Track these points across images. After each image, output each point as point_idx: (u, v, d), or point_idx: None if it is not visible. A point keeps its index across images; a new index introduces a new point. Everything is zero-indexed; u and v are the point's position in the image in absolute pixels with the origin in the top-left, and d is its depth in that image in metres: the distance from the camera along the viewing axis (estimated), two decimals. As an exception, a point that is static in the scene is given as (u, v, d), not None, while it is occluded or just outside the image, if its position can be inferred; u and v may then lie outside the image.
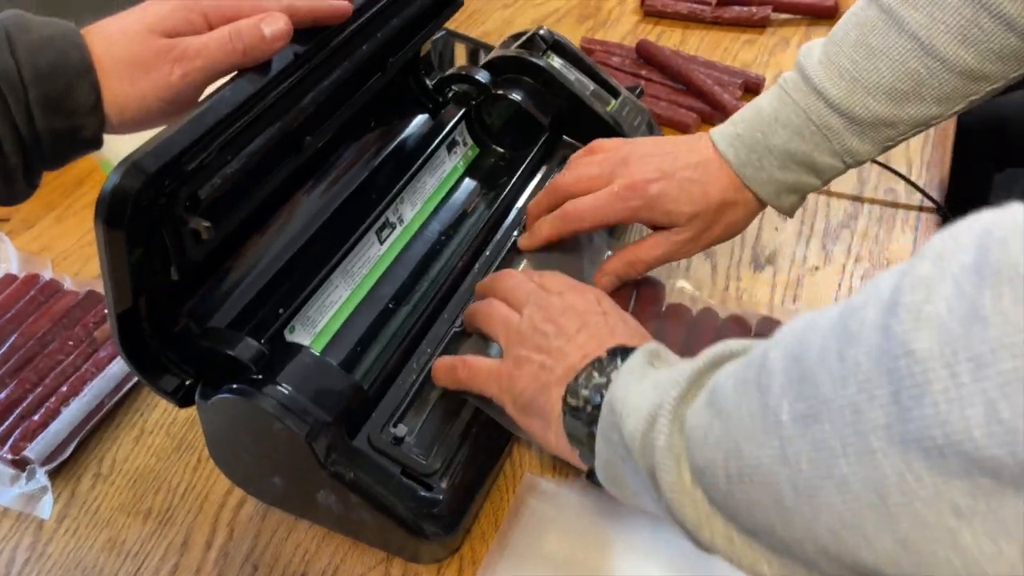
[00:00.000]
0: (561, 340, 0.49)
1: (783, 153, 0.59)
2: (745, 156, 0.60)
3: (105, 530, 0.55)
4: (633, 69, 0.91)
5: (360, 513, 0.51)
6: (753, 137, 0.59)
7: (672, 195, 0.60)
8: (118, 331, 0.45)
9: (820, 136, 0.58)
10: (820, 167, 0.59)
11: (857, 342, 0.29)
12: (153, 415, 0.62)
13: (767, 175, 0.59)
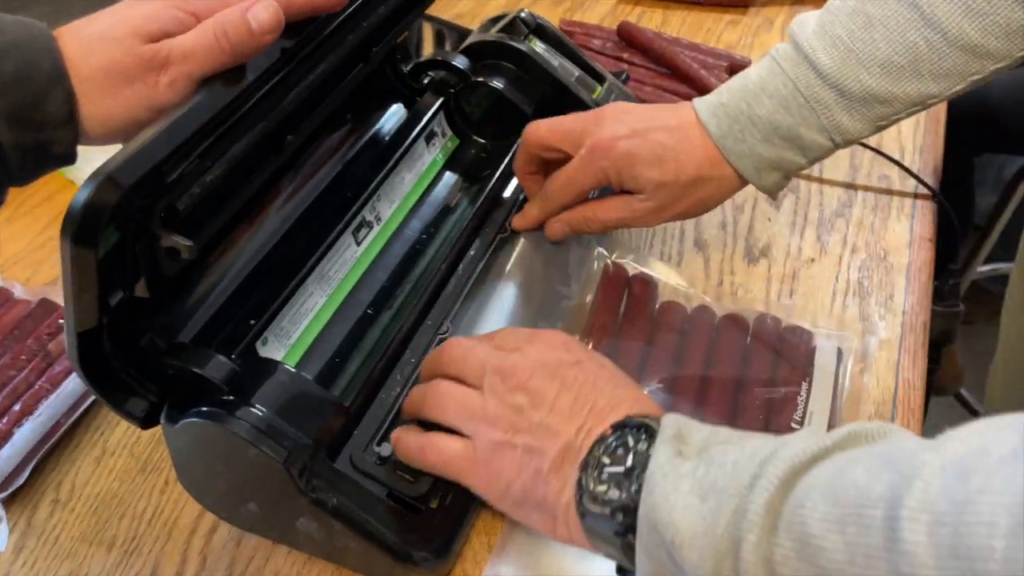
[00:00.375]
0: (542, 412, 0.42)
1: (767, 125, 0.55)
2: (727, 127, 0.56)
3: (66, 562, 0.51)
4: (615, 52, 0.88)
5: (344, 540, 0.47)
6: (737, 107, 0.56)
7: (641, 156, 0.56)
8: (77, 350, 0.41)
9: (808, 109, 0.54)
10: (806, 143, 0.55)
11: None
12: (115, 434, 0.57)
13: (748, 148, 0.56)
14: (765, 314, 0.61)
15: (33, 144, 0.39)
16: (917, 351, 0.61)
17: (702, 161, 0.56)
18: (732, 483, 0.34)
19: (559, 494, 0.41)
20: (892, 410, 0.58)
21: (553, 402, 0.42)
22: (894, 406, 0.58)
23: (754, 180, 0.57)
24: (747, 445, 0.36)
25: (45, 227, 0.73)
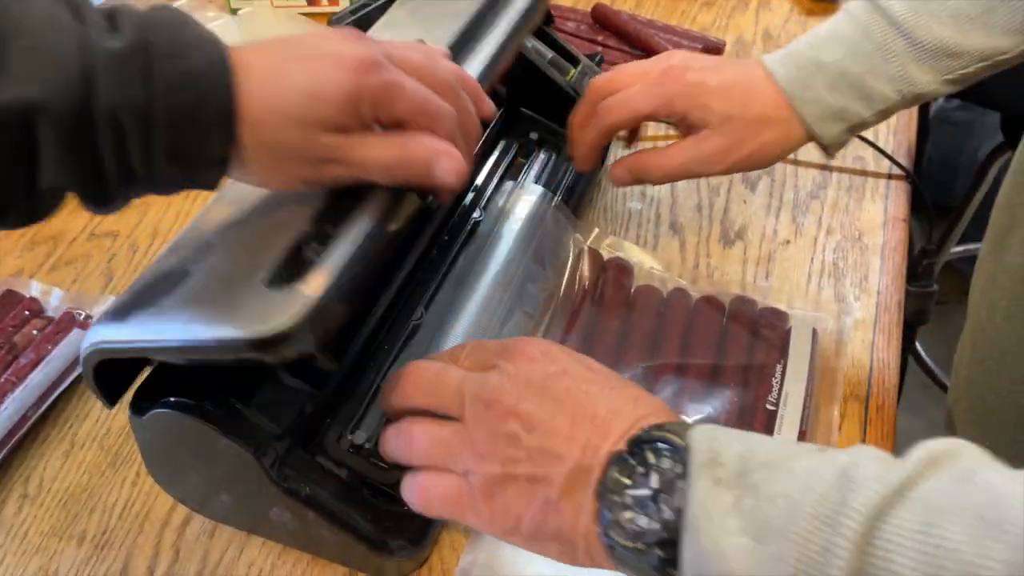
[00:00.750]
0: (538, 435, 0.38)
1: (835, 71, 0.54)
2: (794, 72, 0.55)
3: (35, 557, 0.50)
4: (589, 35, 0.87)
5: (319, 530, 0.46)
6: (805, 55, 0.55)
7: (710, 86, 0.55)
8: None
9: (878, 57, 0.54)
10: (873, 93, 0.54)
11: None
12: (84, 427, 0.56)
13: (814, 94, 0.55)
14: (741, 296, 0.61)
15: (180, 176, 0.37)
16: (892, 331, 0.61)
17: (768, 100, 0.55)
18: (791, 527, 0.30)
19: (575, 522, 0.36)
20: (867, 389, 0.58)
21: (549, 423, 0.38)
22: (869, 385, 0.58)
23: (817, 129, 0.55)
24: (796, 470, 0.32)
25: (9, 217, 0.71)
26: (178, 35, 0.36)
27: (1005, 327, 0.44)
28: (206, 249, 0.42)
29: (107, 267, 0.67)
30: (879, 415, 0.56)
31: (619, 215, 0.71)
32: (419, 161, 0.40)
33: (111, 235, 0.69)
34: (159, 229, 0.70)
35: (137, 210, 0.71)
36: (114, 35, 0.35)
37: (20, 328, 0.60)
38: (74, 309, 0.61)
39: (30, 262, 0.67)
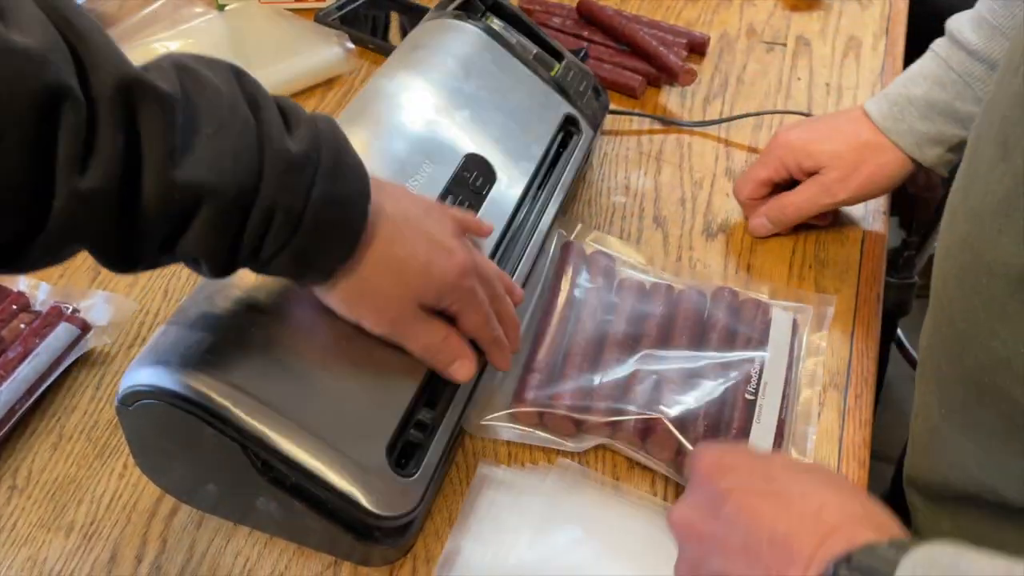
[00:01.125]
0: (717, 561, 0.38)
1: (924, 103, 0.61)
2: (887, 109, 0.63)
3: (24, 548, 0.50)
4: (575, 30, 0.87)
5: (304, 519, 0.47)
6: (895, 92, 0.63)
7: (813, 138, 0.64)
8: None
9: (962, 84, 0.60)
10: (963, 116, 0.60)
11: None
12: (72, 419, 0.57)
13: (907, 126, 0.62)
14: (722, 287, 0.62)
15: (289, 268, 0.42)
16: (871, 321, 0.62)
17: (867, 134, 0.63)
18: None
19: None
20: (846, 379, 0.59)
21: (723, 547, 0.38)
22: (848, 375, 0.59)
23: (916, 155, 0.62)
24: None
25: (-3, 212, 0.71)
26: (340, 157, 0.42)
27: (956, 295, 0.47)
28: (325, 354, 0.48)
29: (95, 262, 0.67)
30: (857, 404, 0.57)
31: (603, 209, 0.71)
32: (447, 356, 0.49)
33: (98, 230, 0.70)
34: (146, 224, 0.70)
35: (124, 205, 0.72)
36: (288, 138, 0.40)
37: (8, 322, 0.60)
38: (62, 303, 0.62)
39: (17, 257, 0.67)
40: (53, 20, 0.34)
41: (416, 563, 0.50)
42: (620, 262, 0.64)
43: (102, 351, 0.60)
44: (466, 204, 0.59)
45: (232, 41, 0.85)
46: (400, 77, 0.63)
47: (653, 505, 0.52)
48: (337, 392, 0.48)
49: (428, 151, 0.59)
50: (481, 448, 0.55)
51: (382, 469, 0.47)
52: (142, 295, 0.65)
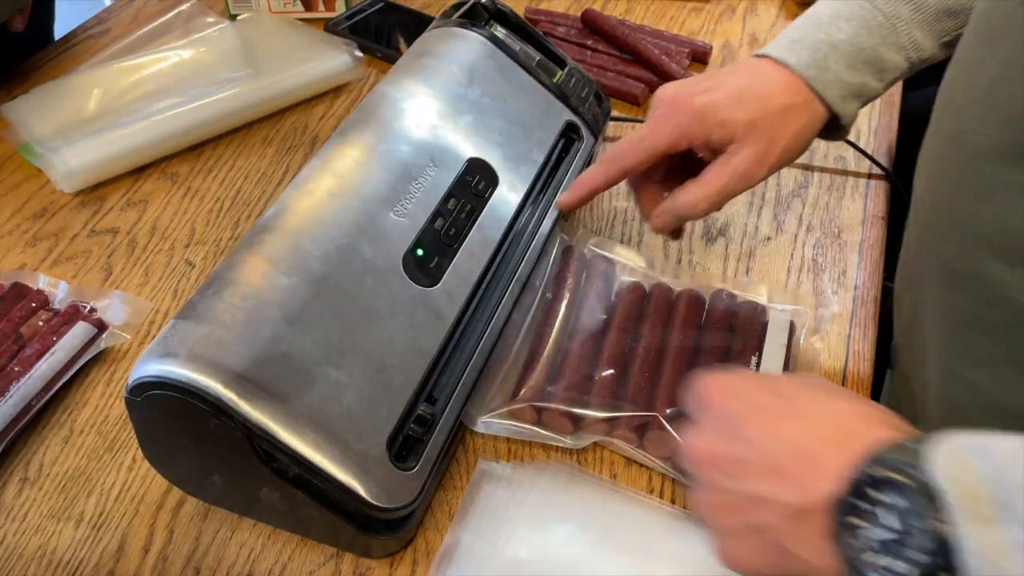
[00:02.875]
0: (741, 481, 0.37)
1: (850, 49, 0.54)
2: (808, 57, 0.54)
3: (35, 537, 0.52)
4: (579, 39, 0.89)
5: (307, 510, 0.48)
6: (815, 37, 0.54)
7: (722, 103, 0.53)
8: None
9: (888, 27, 0.54)
10: (886, 65, 0.55)
11: None
12: (83, 414, 0.58)
13: (833, 75, 0.54)
14: (720, 289, 0.63)
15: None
16: (868, 324, 0.63)
17: (785, 88, 0.54)
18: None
19: (820, 566, 0.34)
20: (842, 380, 0.59)
21: (748, 466, 0.37)
22: (844, 377, 0.60)
23: (839, 108, 0.54)
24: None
25: (12, 215, 0.73)
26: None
27: (940, 190, 0.48)
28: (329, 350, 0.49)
29: (107, 262, 0.69)
30: (852, 404, 0.58)
31: (605, 213, 0.72)
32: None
33: (111, 232, 0.71)
34: (157, 226, 0.72)
35: (136, 208, 0.74)
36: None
37: (27, 319, 0.62)
38: (79, 302, 0.63)
39: (32, 257, 0.69)
40: None
41: (416, 555, 0.51)
42: (620, 266, 0.65)
43: (113, 348, 0.62)
44: (468, 207, 0.60)
45: (244, 50, 0.87)
46: (406, 83, 0.65)
47: (649, 501, 0.52)
48: (340, 387, 0.49)
49: (432, 155, 0.61)
50: (481, 445, 0.56)
51: (382, 462, 0.48)
52: (153, 295, 0.66)
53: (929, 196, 0.49)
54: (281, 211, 0.55)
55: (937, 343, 0.51)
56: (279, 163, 0.78)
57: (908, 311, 0.56)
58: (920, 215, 0.51)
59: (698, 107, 0.53)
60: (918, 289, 0.52)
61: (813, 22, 0.56)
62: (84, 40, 0.94)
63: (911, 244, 0.53)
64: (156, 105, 0.78)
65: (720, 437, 0.38)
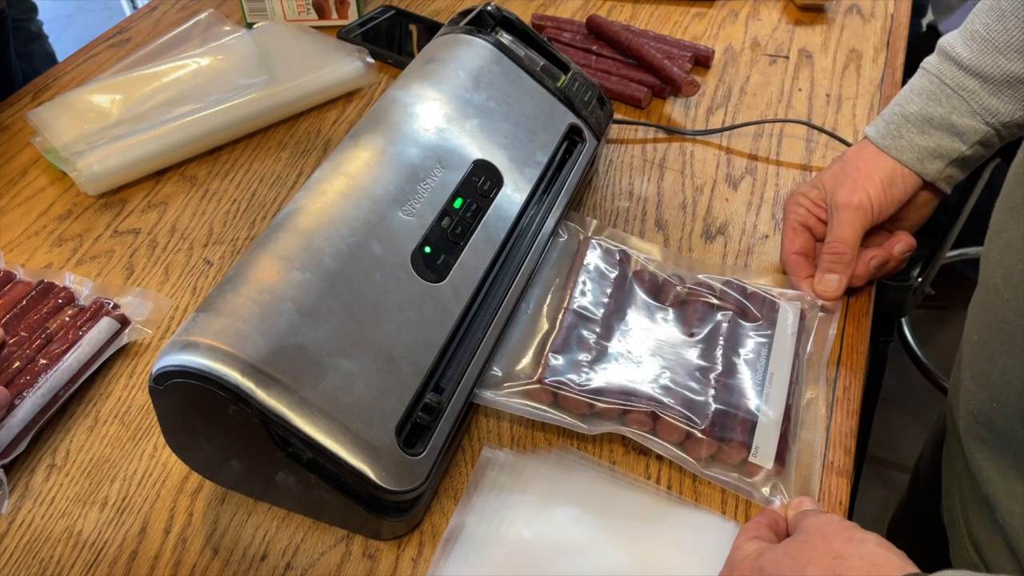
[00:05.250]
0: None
1: (920, 118, 0.63)
2: (884, 128, 0.64)
3: (61, 521, 0.55)
4: (584, 44, 0.91)
5: (320, 493, 0.51)
6: (891, 111, 0.65)
7: (828, 186, 0.65)
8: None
9: (957, 98, 0.61)
10: (961, 129, 0.62)
11: None
12: (107, 404, 0.61)
13: (906, 141, 0.63)
14: (731, 280, 0.65)
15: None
16: (861, 318, 0.65)
17: (868, 155, 0.64)
18: None
19: None
20: (835, 372, 0.61)
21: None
22: (837, 368, 0.62)
23: (919, 169, 0.63)
24: None
25: (39, 216, 0.76)
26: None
27: (1007, 294, 0.48)
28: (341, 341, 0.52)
29: (129, 261, 0.72)
30: (846, 395, 0.60)
31: (608, 212, 0.75)
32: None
33: (133, 232, 0.74)
34: (177, 226, 0.75)
35: (157, 209, 0.77)
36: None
37: (54, 315, 0.65)
38: (104, 299, 0.66)
39: (58, 257, 0.72)
40: None
41: (423, 537, 0.53)
42: (634, 257, 0.68)
43: (135, 342, 0.65)
44: (474, 207, 0.62)
45: (260, 57, 0.90)
46: (414, 88, 0.67)
47: (647, 487, 0.55)
48: (351, 376, 0.51)
49: (440, 156, 0.63)
50: (486, 433, 0.58)
51: (391, 447, 0.50)
52: (172, 292, 0.69)
53: (1008, 291, 0.48)
54: (295, 211, 0.57)
55: (1015, 431, 0.50)
56: (293, 166, 0.81)
57: (982, 404, 0.54)
58: (995, 306, 0.50)
59: (800, 187, 0.68)
60: (997, 390, 0.51)
61: (895, 99, 0.66)
62: (106, 49, 0.97)
63: (983, 334, 0.53)
64: (175, 111, 0.81)
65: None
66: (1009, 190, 0.50)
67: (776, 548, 0.44)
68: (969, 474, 0.56)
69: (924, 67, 0.64)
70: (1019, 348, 0.47)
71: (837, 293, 0.63)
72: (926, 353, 1.60)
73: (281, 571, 0.52)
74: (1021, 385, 0.48)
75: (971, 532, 0.57)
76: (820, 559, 0.41)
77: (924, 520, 0.72)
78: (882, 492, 1.49)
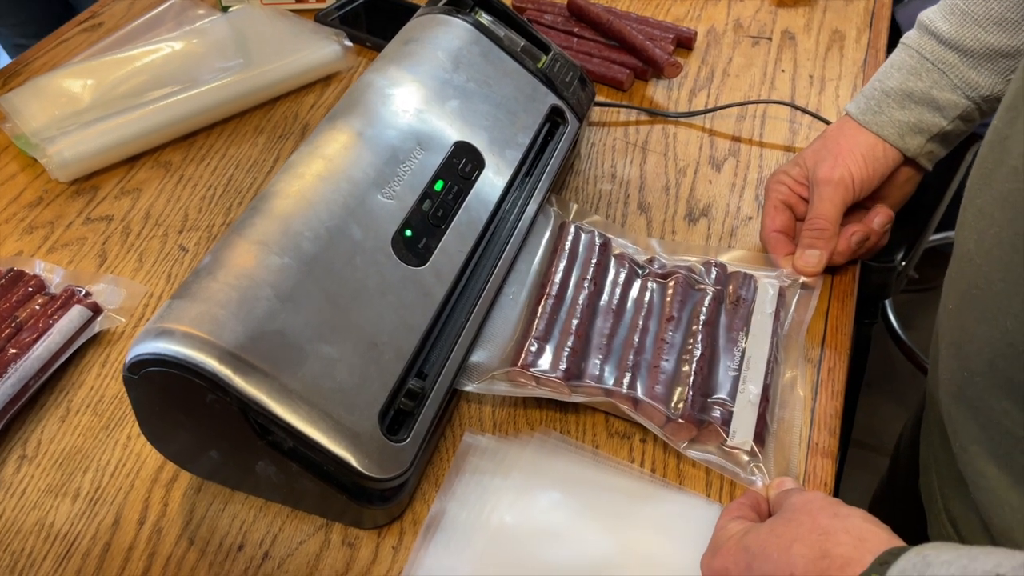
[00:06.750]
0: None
1: (900, 93, 0.62)
2: (864, 104, 0.64)
3: (33, 512, 0.53)
4: (565, 27, 0.90)
5: (301, 482, 0.50)
6: (871, 87, 0.64)
7: (809, 163, 0.65)
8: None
9: (937, 72, 0.61)
10: (941, 103, 0.61)
11: None
12: (79, 394, 0.60)
13: (887, 116, 0.63)
14: (712, 260, 0.64)
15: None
16: (845, 299, 0.64)
17: (849, 131, 0.64)
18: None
19: None
20: (819, 353, 0.61)
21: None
22: (822, 349, 0.61)
23: (900, 145, 0.63)
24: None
25: (9, 203, 0.74)
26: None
27: (995, 252, 0.46)
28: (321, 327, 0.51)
29: (102, 249, 0.70)
30: (830, 376, 0.59)
31: (590, 196, 0.74)
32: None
33: (105, 219, 0.73)
34: (151, 213, 0.73)
35: (130, 196, 0.75)
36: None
37: (24, 304, 0.63)
38: (75, 287, 0.65)
39: (28, 245, 0.70)
40: None
41: (403, 524, 0.52)
42: (613, 242, 0.67)
43: (108, 331, 0.63)
44: (456, 189, 0.61)
45: (235, 40, 0.88)
46: (392, 70, 0.66)
47: (630, 470, 0.54)
48: (331, 362, 0.50)
49: (419, 138, 0.62)
50: (467, 419, 0.57)
51: (374, 434, 0.49)
52: (147, 279, 0.68)
53: (980, 257, 0.48)
54: (272, 194, 0.56)
55: (995, 412, 0.49)
56: (270, 151, 0.80)
57: (953, 374, 0.53)
58: (968, 273, 0.49)
59: (782, 165, 0.67)
60: (967, 358, 0.50)
61: (876, 75, 0.65)
62: (78, 34, 0.95)
63: (956, 302, 0.52)
64: (149, 95, 0.79)
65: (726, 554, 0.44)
66: (983, 156, 0.50)
67: (761, 527, 0.43)
68: (945, 448, 0.56)
69: (904, 42, 0.64)
70: (990, 315, 0.47)
71: (817, 269, 0.63)
72: (910, 337, 1.61)
73: (259, 561, 0.51)
74: (991, 353, 0.47)
75: (947, 507, 0.57)
76: (806, 535, 0.40)
77: (903, 498, 0.72)
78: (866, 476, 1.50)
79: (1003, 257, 0.45)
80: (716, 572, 0.44)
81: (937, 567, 0.34)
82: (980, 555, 0.34)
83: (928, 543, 0.36)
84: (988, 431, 0.49)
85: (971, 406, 0.50)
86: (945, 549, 0.35)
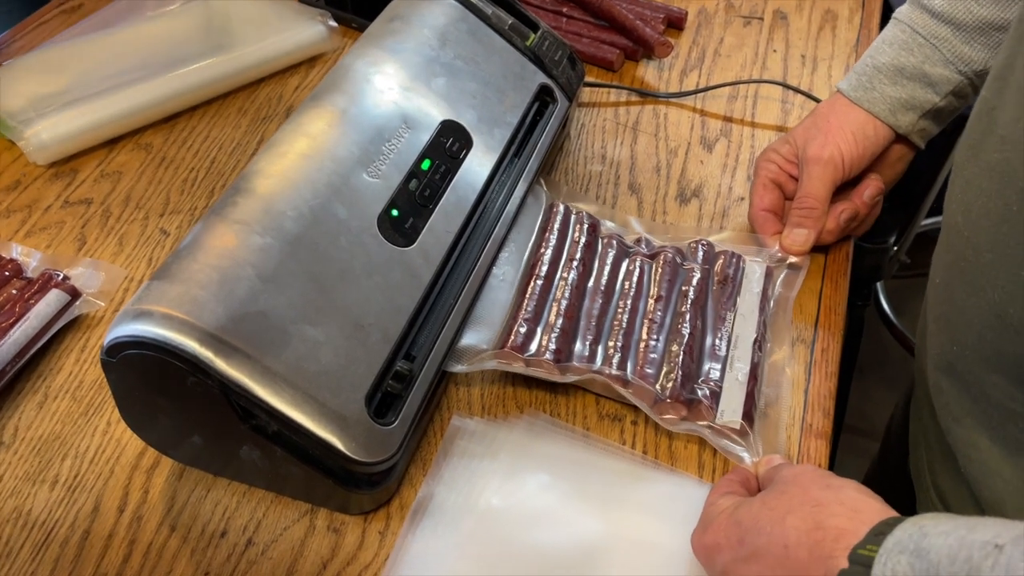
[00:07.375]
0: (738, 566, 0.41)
1: (892, 69, 0.61)
2: (856, 80, 0.63)
3: (10, 500, 0.52)
4: (554, 7, 0.89)
5: (286, 466, 0.49)
6: (863, 63, 0.63)
7: (799, 141, 0.64)
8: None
9: (929, 47, 0.60)
10: (934, 78, 0.60)
11: None
12: (57, 380, 0.58)
13: (879, 93, 0.61)
14: (699, 239, 0.63)
15: None
16: (839, 280, 0.64)
17: (840, 108, 0.63)
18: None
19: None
20: (813, 334, 0.60)
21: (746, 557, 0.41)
22: (815, 329, 0.60)
23: (891, 122, 0.62)
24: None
25: (-14, 187, 0.73)
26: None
27: (983, 223, 0.46)
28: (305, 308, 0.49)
29: (81, 232, 0.69)
30: (824, 357, 0.59)
31: (580, 177, 0.73)
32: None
33: (85, 202, 0.71)
34: (132, 196, 0.72)
35: (110, 179, 0.73)
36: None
37: (0, 288, 0.62)
38: (52, 271, 0.63)
39: (6, 228, 0.69)
40: None
41: (390, 509, 0.51)
42: (602, 223, 0.66)
43: (87, 315, 0.62)
44: (443, 168, 0.60)
45: (218, 21, 0.86)
46: (377, 48, 0.64)
47: (621, 452, 0.53)
48: (316, 344, 0.49)
49: (405, 116, 0.60)
50: (455, 403, 0.56)
51: (360, 417, 0.48)
52: (127, 263, 0.66)
53: (968, 229, 0.47)
54: (254, 173, 0.54)
55: (985, 385, 0.48)
56: (253, 133, 0.78)
57: (943, 347, 0.53)
58: (956, 245, 0.49)
59: (772, 143, 0.66)
60: (956, 331, 0.50)
61: (868, 51, 0.64)
62: (56, 16, 0.93)
63: (945, 276, 0.51)
64: (129, 77, 0.78)
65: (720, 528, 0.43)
66: (970, 128, 0.49)
67: (752, 500, 0.43)
68: (935, 424, 0.55)
69: (896, 17, 0.63)
70: (978, 287, 0.46)
71: (805, 248, 0.62)
72: (902, 322, 1.61)
73: (242, 547, 0.50)
74: (980, 325, 0.47)
75: (936, 483, 0.57)
76: (799, 507, 0.40)
77: (894, 475, 0.71)
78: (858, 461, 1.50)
79: (991, 228, 0.45)
80: (707, 547, 0.43)
81: (934, 537, 0.33)
82: (978, 525, 0.33)
83: (924, 514, 0.36)
84: (979, 403, 0.48)
85: (961, 379, 0.50)
86: (942, 519, 0.34)
